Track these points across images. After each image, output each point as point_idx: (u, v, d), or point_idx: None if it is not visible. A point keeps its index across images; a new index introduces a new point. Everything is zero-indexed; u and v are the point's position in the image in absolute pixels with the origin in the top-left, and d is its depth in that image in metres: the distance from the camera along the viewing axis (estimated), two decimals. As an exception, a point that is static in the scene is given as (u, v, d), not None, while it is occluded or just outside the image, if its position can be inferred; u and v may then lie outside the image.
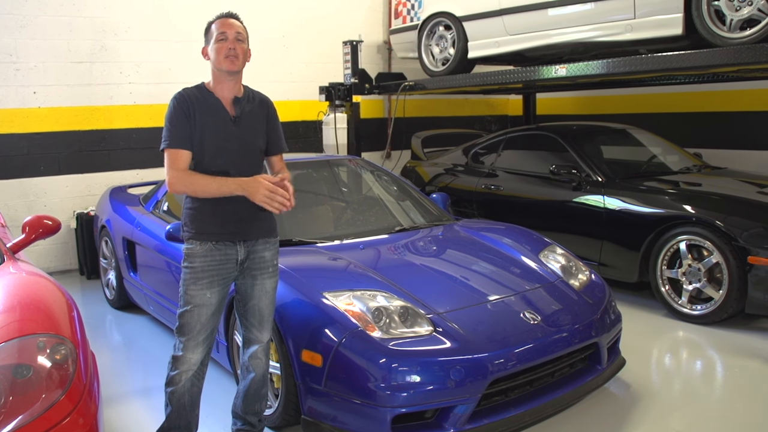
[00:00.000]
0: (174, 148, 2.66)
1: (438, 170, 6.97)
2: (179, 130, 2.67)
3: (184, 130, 2.67)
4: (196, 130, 2.69)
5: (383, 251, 3.82)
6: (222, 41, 2.71)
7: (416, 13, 7.26)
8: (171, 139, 2.67)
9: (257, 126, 2.84)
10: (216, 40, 2.72)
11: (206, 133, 2.70)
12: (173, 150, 2.67)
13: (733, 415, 3.43)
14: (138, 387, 4.01)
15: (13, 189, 6.40)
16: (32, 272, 2.82)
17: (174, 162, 2.66)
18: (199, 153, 2.71)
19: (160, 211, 4.78)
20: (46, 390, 2.11)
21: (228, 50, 2.70)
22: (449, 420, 2.82)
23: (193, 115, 2.69)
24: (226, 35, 2.72)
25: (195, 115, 2.69)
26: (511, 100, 9.88)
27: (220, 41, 2.72)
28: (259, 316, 2.87)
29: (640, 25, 5.02)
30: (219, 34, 2.72)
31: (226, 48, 2.70)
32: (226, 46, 2.70)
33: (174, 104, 2.71)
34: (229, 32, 2.72)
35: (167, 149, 2.68)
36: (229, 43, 2.71)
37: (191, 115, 2.69)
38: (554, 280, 3.60)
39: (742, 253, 4.38)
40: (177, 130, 2.67)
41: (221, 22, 2.75)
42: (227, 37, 2.71)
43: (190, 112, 2.69)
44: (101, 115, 6.78)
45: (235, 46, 2.71)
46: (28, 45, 6.32)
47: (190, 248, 2.74)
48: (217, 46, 2.71)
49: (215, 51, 2.72)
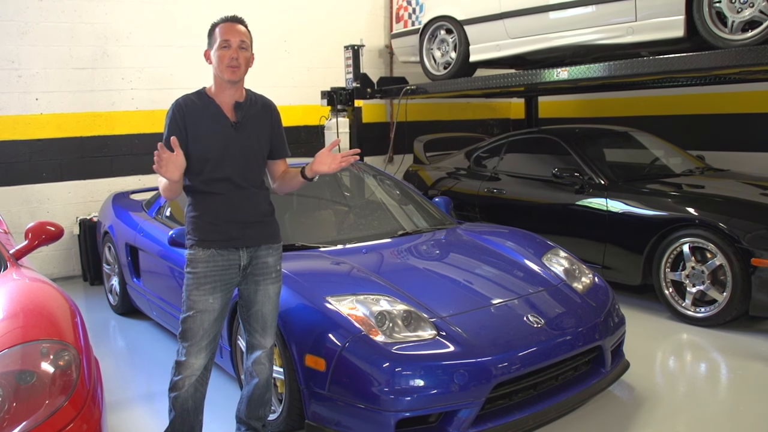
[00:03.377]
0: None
1: (440, 174, 6.97)
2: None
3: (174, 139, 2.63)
4: (193, 140, 2.66)
5: (386, 255, 3.82)
6: (225, 49, 2.67)
7: (418, 17, 7.27)
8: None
9: (260, 131, 2.81)
10: (219, 46, 2.68)
11: (205, 141, 2.68)
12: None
13: (737, 417, 3.42)
14: (141, 393, 4.00)
15: (16, 195, 6.42)
16: (35, 278, 2.82)
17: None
18: (199, 162, 2.68)
19: (162, 216, 4.79)
20: (49, 396, 2.10)
21: (230, 59, 2.66)
22: (453, 424, 2.81)
23: (188, 125, 2.66)
24: (229, 43, 2.67)
25: (190, 125, 2.66)
26: (513, 103, 9.89)
27: (223, 48, 2.67)
28: (263, 322, 2.86)
29: (641, 28, 5.03)
30: (222, 41, 2.67)
31: (228, 57, 2.66)
32: (229, 55, 2.66)
33: (170, 114, 2.70)
34: (232, 40, 2.67)
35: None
36: (232, 51, 2.66)
37: (185, 126, 2.66)
38: (557, 284, 3.60)
39: (745, 255, 4.37)
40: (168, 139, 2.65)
41: (226, 28, 2.70)
42: (230, 45, 2.67)
43: (185, 122, 2.66)
44: (103, 121, 6.79)
45: (238, 55, 2.67)
46: (30, 51, 6.34)
47: (193, 254, 2.74)
48: (220, 54, 2.67)
49: (218, 58, 2.68)
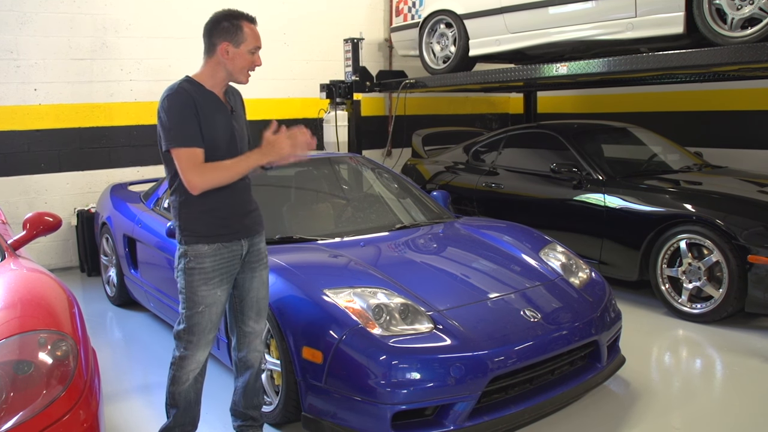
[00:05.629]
0: (187, 146, 2.53)
1: (439, 168, 6.97)
2: (190, 126, 2.54)
3: (194, 127, 2.55)
4: (206, 128, 2.59)
5: (384, 248, 3.83)
6: (253, 54, 2.67)
7: (417, 10, 7.25)
8: (183, 137, 2.53)
9: (243, 117, 2.86)
10: (250, 51, 2.66)
11: (215, 130, 2.62)
12: (187, 149, 2.53)
13: (732, 413, 3.43)
14: (138, 383, 4.01)
15: (14, 186, 6.41)
16: (33, 269, 2.83)
17: (192, 160, 2.53)
18: (211, 150, 2.60)
19: (161, 208, 4.78)
20: (46, 386, 2.11)
21: (253, 65, 2.68)
22: (449, 417, 2.82)
23: (200, 113, 2.58)
24: (257, 50, 2.68)
25: (201, 114, 2.58)
26: (512, 98, 9.88)
27: (252, 54, 2.67)
28: (257, 308, 2.88)
29: (641, 24, 5.02)
30: (254, 47, 2.66)
31: (253, 65, 2.68)
32: (255, 64, 2.68)
33: (179, 101, 2.55)
34: (259, 46, 2.69)
35: (180, 148, 2.53)
36: (257, 58, 2.68)
37: (197, 112, 2.57)
38: (554, 278, 3.61)
39: (742, 252, 4.38)
40: (187, 127, 2.54)
41: (255, 32, 2.68)
42: (257, 52, 2.68)
43: (197, 109, 2.58)
44: (102, 112, 6.78)
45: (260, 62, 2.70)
46: (29, 42, 6.32)
47: (195, 249, 2.66)
48: (249, 59, 2.67)
49: (243, 60, 2.65)
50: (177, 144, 2.54)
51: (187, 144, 2.54)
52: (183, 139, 2.54)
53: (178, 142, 2.54)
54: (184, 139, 2.54)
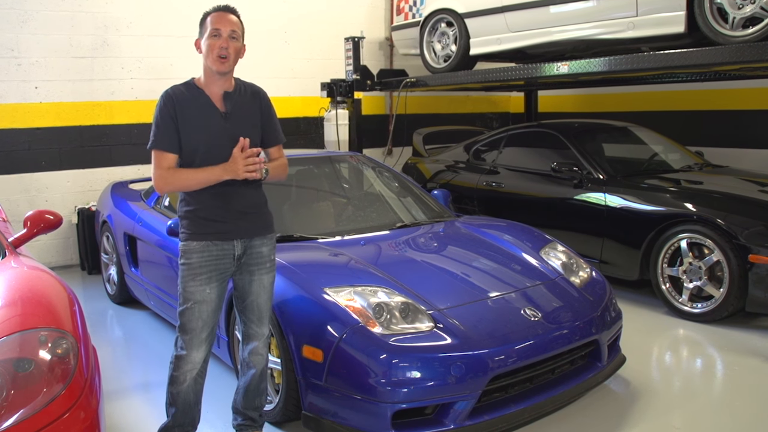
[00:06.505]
0: (159, 149, 2.67)
1: (439, 167, 6.97)
2: (164, 132, 2.66)
3: (169, 132, 2.66)
4: (184, 131, 2.66)
5: (384, 247, 3.83)
6: (215, 38, 2.65)
7: (418, 9, 7.25)
8: (156, 140, 2.67)
9: (251, 119, 2.80)
10: (209, 35, 2.66)
11: (195, 132, 2.67)
12: (158, 151, 2.67)
13: (732, 412, 3.43)
14: (139, 382, 4.01)
15: (15, 184, 6.41)
16: (34, 267, 2.82)
17: (159, 163, 2.67)
18: (190, 153, 2.68)
19: (161, 206, 4.79)
20: (47, 384, 2.11)
21: (220, 49, 2.64)
22: (449, 416, 2.82)
23: (179, 116, 2.66)
24: (219, 32, 2.65)
25: (181, 117, 2.66)
26: (513, 97, 9.88)
27: (213, 37, 2.65)
28: (258, 312, 2.87)
29: (642, 23, 5.02)
30: (213, 29, 2.66)
31: (218, 47, 2.64)
32: (219, 45, 2.64)
33: (160, 104, 2.68)
34: (223, 29, 2.65)
35: (153, 149, 2.69)
36: (222, 41, 2.65)
37: (176, 117, 2.66)
38: (555, 277, 3.60)
39: (742, 252, 4.38)
40: (162, 132, 2.66)
41: (217, 17, 2.68)
42: (221, 34, 2.65)
43: (176, 113, 2.66)
44: (102, 111, 6.78)
45: (228, 45, 2.65)
46: (30, 40, 6.32)
47: (186, 245, 2.74)
48: (210, 43, 2.66)
49: (207, 47, 2.67)
50: (151, 146, 2.70)
51: (158, 147, 2.68)
52: (155, 142, 2.69)
53: (152, 145, 2.70)
54: (155, 143, 2.68)
